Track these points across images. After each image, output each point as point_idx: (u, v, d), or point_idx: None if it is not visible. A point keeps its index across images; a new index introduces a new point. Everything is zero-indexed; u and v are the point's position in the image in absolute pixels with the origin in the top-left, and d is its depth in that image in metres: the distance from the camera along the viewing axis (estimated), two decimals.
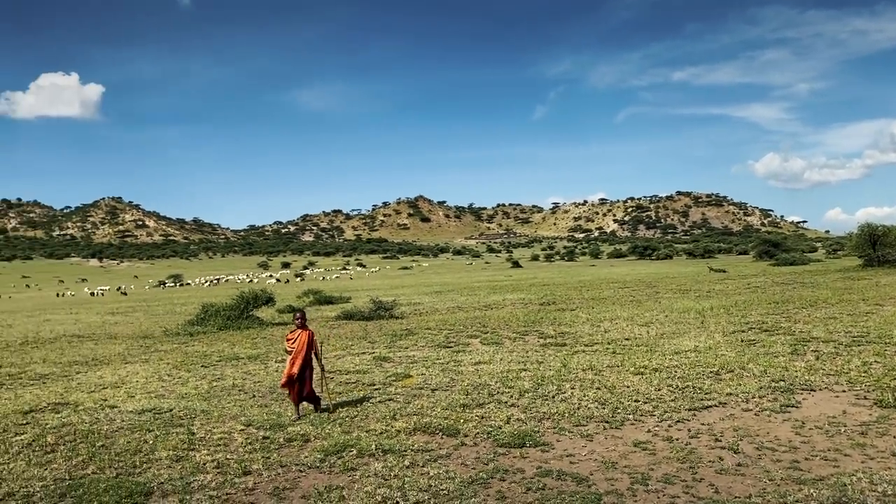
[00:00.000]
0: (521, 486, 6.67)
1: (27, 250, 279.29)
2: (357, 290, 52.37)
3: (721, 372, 11.92)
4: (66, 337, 24.30)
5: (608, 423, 8.88)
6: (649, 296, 31.45)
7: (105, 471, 7.54)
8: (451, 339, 17.94)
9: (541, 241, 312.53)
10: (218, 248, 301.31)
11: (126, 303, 51.92)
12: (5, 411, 10.93)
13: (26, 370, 15.82)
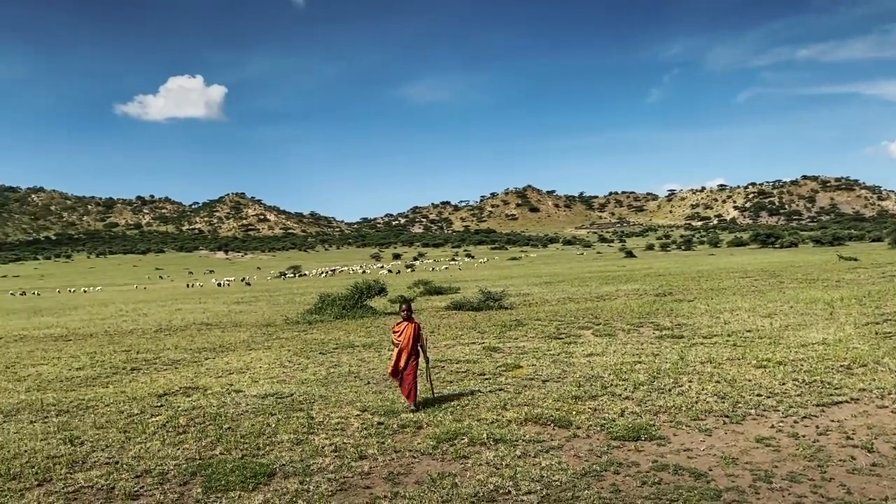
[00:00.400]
0: (637, 479, 6.53)
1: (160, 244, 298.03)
2: (466, 280, 52.71)
3: (853, 366, 11.20)
4: (196, 325, 25.78)
5: (728, 418, 8.54)
6: (773, 286, 29.95)
7: (231, 452, 7.95)
8: (562, 331, 17.75)
9: (656, 230, 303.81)
10: (333, 241, 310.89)
11: (250, 293, 54.52)
12: (142, 394, 11.72)
13: (160, 356, 16.91)
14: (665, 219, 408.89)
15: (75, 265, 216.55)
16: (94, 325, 28.36)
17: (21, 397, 12.05)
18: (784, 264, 51.23)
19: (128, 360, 16.27)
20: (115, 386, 12.83)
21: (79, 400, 11.40)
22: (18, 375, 14.74)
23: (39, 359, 17.39)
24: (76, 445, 8.46)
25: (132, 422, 9.63)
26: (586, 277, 47.27)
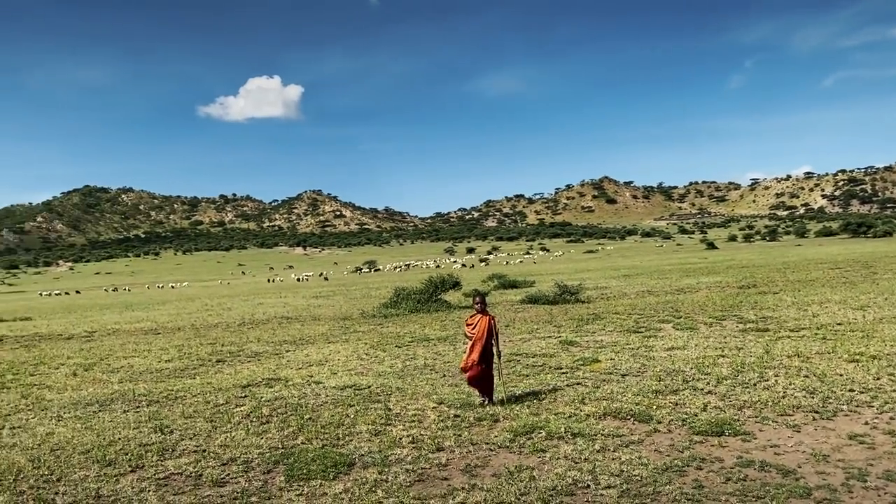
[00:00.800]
0: (720, 475, 6.33)
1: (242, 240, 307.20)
2: (541, 274, 52.33)
3: None
4: (277, 319, 26.48)
5: (818, 414, 8.18)
6: (865, 277, 28.56)
7: (312, 441, 8.12)
8: (642, 324, 17.40)
9: (738, 221, 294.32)
10: (407, 235, 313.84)
11: (327, 287, 55.66)
12: (227, 385, 12.11)
13: (244, 348, 17.44)
14: (748, 209, 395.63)
15: (163, 262, 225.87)
16: (181, 319, 29.51)
17: (115, 388, 12.64)
18: (878, 254, 48.79)
19: (213, 353, 16.85)
20: (202, 377, 13.30)
21: (168, 391, 11.87)
22: (112, 367, 15.46)
23: (131, 351, 18.20)
24: (166, 434, 8.81)
25: (218, 412, 9.96)
26: (666, 270, 46.20)
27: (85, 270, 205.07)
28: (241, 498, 6.38)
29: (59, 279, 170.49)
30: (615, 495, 5.97)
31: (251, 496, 6.42)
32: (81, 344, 21.16)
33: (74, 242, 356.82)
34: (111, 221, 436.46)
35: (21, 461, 7.81)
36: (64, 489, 6.84)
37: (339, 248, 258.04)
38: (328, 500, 6.18)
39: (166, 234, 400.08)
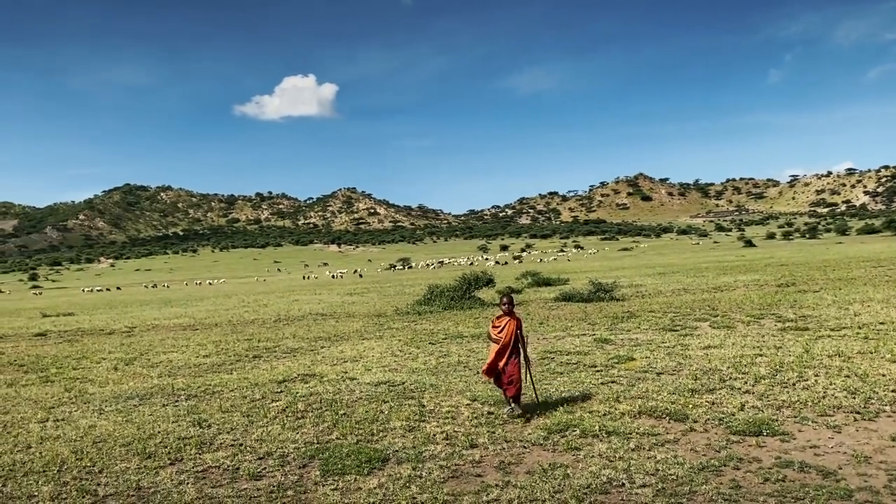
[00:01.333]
0: (758, 476, 6.24)
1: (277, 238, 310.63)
2: (575, 271, 52.01)
3: None
4: (312, 315, 26.73)
5: (859, 414, 8.02)
6: None
7: (347, 437, 8.20)
8: (677, 323, 17.20)
9: (777, 218, 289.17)
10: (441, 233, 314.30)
11: (361, 284, 56.02)
12: (263, 380, 12.27)
13: (280, 344, 17.65)
14: (787, 206, 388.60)
15: (200, 259, 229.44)
16: (218, 315, 29.96)
17: (154, 382, 12.88)
18: None
19: (250, 349, 17.07)
20: (239, 372, 13.49)
21: (206, 385, 12.07)
22: (151, 362, 15.76)
23: (170, 346, 18.53)
24: (204, 428, 8.96)
25: (254, 406, 10.10)
26: (702, 268, 45.60)
27: (125, 267, 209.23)
28: (277, 491, 6.47)
29: (101, 276, 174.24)
30: (650, 494, 5.92)
31: (287, 490, 6.51)
32: (122, 339, 21.61)
33: (115, 240, 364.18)
34: (150, 219, 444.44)
35: (65, 452, 8.01)
36: (105, 480, 7.00)
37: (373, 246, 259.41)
38: (363, 495, 6.23)
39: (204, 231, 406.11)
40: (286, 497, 6.33)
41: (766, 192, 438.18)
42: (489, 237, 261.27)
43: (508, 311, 8.99)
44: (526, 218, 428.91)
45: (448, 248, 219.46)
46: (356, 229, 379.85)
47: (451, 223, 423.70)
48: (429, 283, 30.72)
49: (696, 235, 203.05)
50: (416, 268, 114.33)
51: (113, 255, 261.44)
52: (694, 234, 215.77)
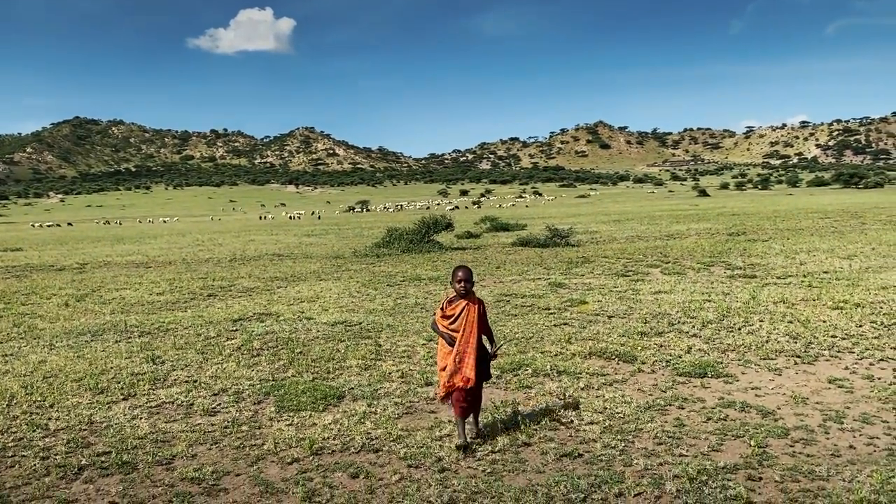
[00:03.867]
0: (702, 415, 6.49)
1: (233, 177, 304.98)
2: (533, 217, 52.36)
3: None
4: (268, 255, 26.52)
5: (800, 358, 8.35)
6: (854, 227, 28.74)
7: (303, 374, 8.25)
8: (630, 268, 17.54)
9: (731, 169, 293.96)
10: (401, 176, 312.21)
11: (319, 226, 55.60)
12: (218, 318, 12.21)
13: (235, 284, 17.52)
14: (742, 157, 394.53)
15: (154, 196, 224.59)
16: (172, 253, 29.52)
17: (106, 318, 12.72)
18: (868, 205, 48.98)
19: (204, 287, 16.92)
20: (193, 311, 13.39)
21: (159, 322, 11.97)
22: (104, 298, 15.53)
23: (122, 284, 18.25)
24: (157, 364, 8.92)
25: (209, 344, 10.07)
26: (656, 216, 46.31)
27: (76, 203, 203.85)
28: (232, 427, 6.51)
29: (50, 211, 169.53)
30: (598, 431, 6.12)
31: (242, 425, 6.55)
32: (73, 275, 21.19)
33: (65, 175, 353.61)
34: (102, 154, 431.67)
35: (14, 388, 7.91)
36: (57, 415, 6.96)
37: (331, 187, 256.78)
38: (318, 430, 6.32)
39: (157, 168, 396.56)
40: (241, 432, 6.38)
41: (722, 143, 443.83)
42: (449, 182, 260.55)
43: (466, 291, 5.98)
44: (486, 163, 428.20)
45: (408, 192, 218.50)
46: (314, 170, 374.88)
47: (412, 167, 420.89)
48: (388, 226, 30.64)
49: (653, 184, 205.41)
50: (375, 210, 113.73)
51: (63, 190, 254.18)
52: (650, 182, 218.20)
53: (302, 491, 5.06)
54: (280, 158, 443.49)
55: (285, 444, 6.04)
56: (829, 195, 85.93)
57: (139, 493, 5.12)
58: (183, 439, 6.19)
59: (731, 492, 4.81)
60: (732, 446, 5.71)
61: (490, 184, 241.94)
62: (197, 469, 5.51)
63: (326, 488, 5.13)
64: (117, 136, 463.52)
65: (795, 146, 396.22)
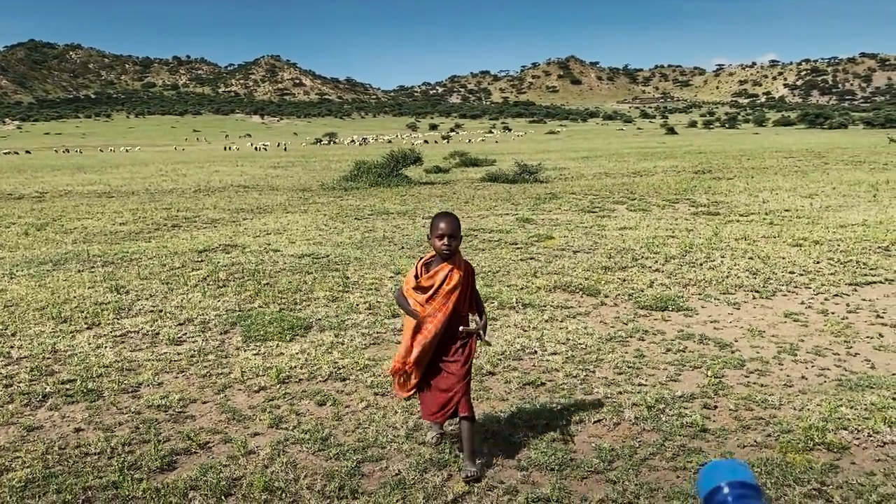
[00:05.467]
0: (661, 346, 6.67)
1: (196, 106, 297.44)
2: (502, 153, 52.16)
3: (891, 248, 11.05)
4: (233, 187, 26.15)
5: (758, 293, 8.57)
6: (817, 167, 29.19)
7: (269, 305, 8.25)
8: (597, 205, 17.67)
9: (700, 107, 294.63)
10: (369, 108, 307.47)
11: (286, 158, 54.77)
12: (183, 249, 12.09)
13: (199, 215, 17.29)
14: (711, 95, 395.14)
15: (115, 125, 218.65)
16: (135, 183, 28.94)
17: (68, 248, 12.51)
18: (831, 145, 49.65)
19: (168, 218, 16.68)
20: (157, 241, 13.23)
21: (123, 252, 11.81)
22: (65, 228, 15.24)
23: (84, 213, 17.91)
24: (122, 294, 8.84)
25: (174, 275, 9.99)
26: (624, 153, 46.46)
27: (34, 130, 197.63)
28: (198, 356, 6.53)
29: (7, 138, 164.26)
30: (560, 361, 6.26)
31: (208, 354, 6.57)
32: (32, 204, 20.71)
33: (21, 100, 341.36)
34: (59, 80, 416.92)
35: None
36: (20, 343, 6.90)
37: (298, 119, 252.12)
38: (285, 360, 6.36)
39: (118, 95, 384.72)
40: (207, 361, 6.40)
41: (692, 81, 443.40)
42: (419, 115, 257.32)
43: (451, 251, 4.22)
44: (457, 97, 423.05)
45: (376, 125, 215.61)
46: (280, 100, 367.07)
47: (381, 99, 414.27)
48: (355, 159, 30.29)
49: (622, 121, 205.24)
50: (342, 143, 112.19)
51: (19, 116, 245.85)
52: (619, 119, 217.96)
53: (269, 418, 5.12)
54: (245, 88, 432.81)
55: (252, 372, 6.08)
56: (795, 135, 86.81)
57: (105, 420, 5.14)
58: (149, 368, 6.20)
59: (688, 419, 4.98)
60: (690, 376, 5.89)
61: (460, 118, 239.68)
62: (163, 397, 5.54)
63: (293, 415, 5.20)
64: (75, 62, 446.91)
65: (764, 85, 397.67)
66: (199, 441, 4.77)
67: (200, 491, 4.12)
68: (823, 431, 4.69)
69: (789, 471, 4.23)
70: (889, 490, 4.00)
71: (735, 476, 0.84)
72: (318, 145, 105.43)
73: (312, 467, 4.41)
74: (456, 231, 4.18)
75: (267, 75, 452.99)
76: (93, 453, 4.61)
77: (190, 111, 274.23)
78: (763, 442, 4.66)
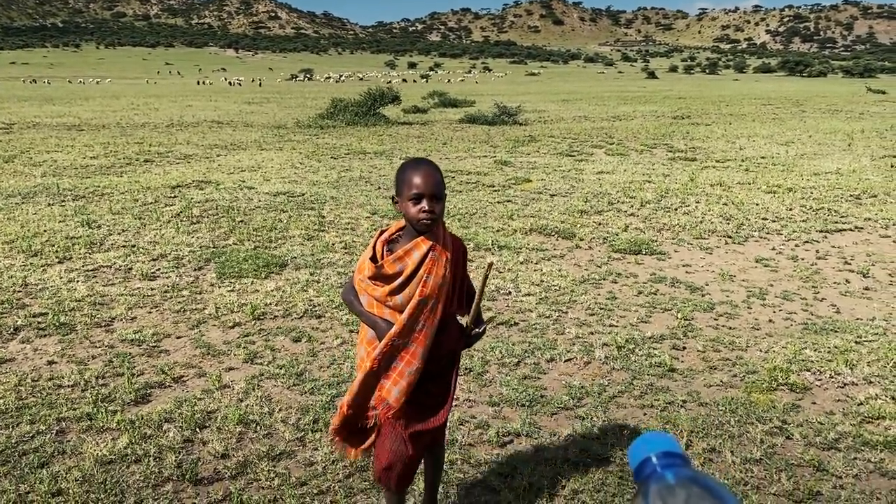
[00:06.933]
0: (633, 289, 6.76)
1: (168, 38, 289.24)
2: (482, 94, 51.61)
3: (862, 196, 11.21)
4: (207, 122, 25.66)
5: (731, 239, 8.69)
6: (794, 114, 29.27)
7: (244, 243, 8.21)
8: (575, 148, 17.63)
9: (682, 51, 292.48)
10: (347, 45, 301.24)
11: (261, 93, 53.70)
12: (156, 184, 11.91)
13: (172, 150, 16.98)
14: (693, 39, 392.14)
15: (84, 55, 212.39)
16: (105, 116, 28.27)
17: (38, 181, 12.26)
18: (810, 93, 49.74)
19: (140, 152, 16.37)
20: (129, 176, 13.00)
21: (94, 186, 11.61)
22: (34, 161, 14.91)
23: (53, 146, 17.51)
24: (93, 228, 8.73)
25: (147, 210, 9.86)
26: (604, 97, 46.18)
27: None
28: (172, 291, 6.50)
29: None
30: (534, 302, 6.34)
31: (182, 290, 6.55)
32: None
33: None
34: (24, 6, 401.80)
35: None
36: None
37: (273, 53, 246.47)
38: (260, 297, 6.36)
39: (87, 25, 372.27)
40: (181, 297, 6.37)
41: (674, 24, 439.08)
42: (397, 53, 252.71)
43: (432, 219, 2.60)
44: (436, 35, 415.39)
45: (354, 62, 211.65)
46: (255, 34, 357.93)
47: (358, 35, 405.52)
48: (332, 97, 29.78)
49: (603, 64, 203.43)
50: (318, 80, 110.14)
51: None
52: (601, 62, 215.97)
53: (244, 353, 5.15)
54: (219, 20, 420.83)
55: (227, 308, 6.08)
56: (774, 82, 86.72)
57: (78, 353, 5.13)
58: (122, 303, 6.17)
59: (656, 360, 5.09)
60: (660, 318, 6.00)
61: (439, 57, 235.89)
62: (137, 331, 5.53)
63: (268, 351, 5.23)
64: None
65: (746, 31, 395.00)
66: (173, 375, 4.80)
67: (175, 423, 4.16)
68: (787, 373, 4.83)
69: (753, 409, 4.36)
70: (847, 428, 4.15)
71: (662, 447, 0.88)
72: (294, 81, 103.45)
73: (287, 401, 4.46)
74: (439, 188, 2.58)
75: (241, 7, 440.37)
76: (66, 385, 4.62)
77: (162, 43, 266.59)
78: (729, 382, 4.78)
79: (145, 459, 3.76)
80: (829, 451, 3.92)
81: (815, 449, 3.94)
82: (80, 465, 3.70)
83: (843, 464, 3.78)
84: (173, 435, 4.02)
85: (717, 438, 4.05)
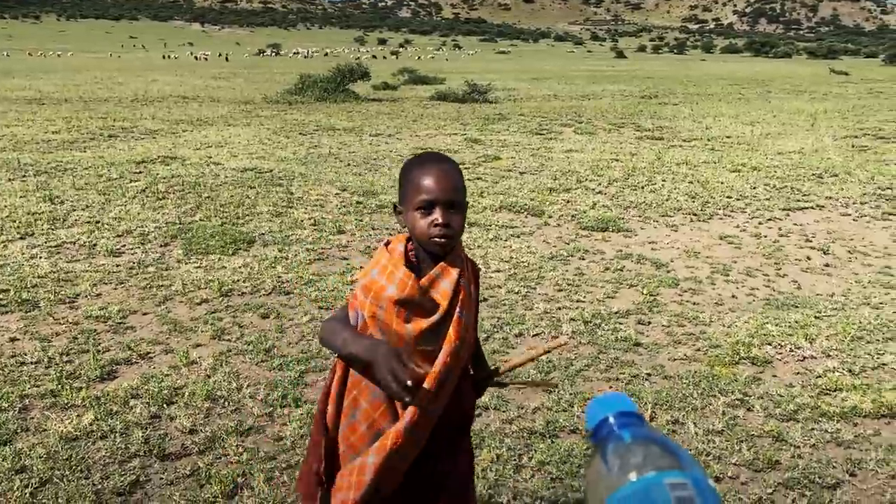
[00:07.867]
0: (600, 265, 6.84)
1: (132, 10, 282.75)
2: (452, 71, 51.35)
3: (824, 175, 11.42)
4: (173, 97, 25.20)
5: (696, 216, 8.81)
6: (759, 95, 29.63)
7: (211, 219, 8.12)
8: (544, 127, 17.67)
9: (650, 31, 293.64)
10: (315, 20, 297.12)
11: (228, 68, 52.85)
12: (120, 160, 11.70)
13: (137, 125, 16.67)
14: (662, 19, 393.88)
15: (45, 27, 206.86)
16: (68, 90, 27.61)
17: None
18: (775, 74, 50.34)
19: (104, 127, 16.04)
20: (93, 151, 12.75)
21: (56, 162, 11.37)
22: None
23: (13, 120, 17.07)
24: (56, 204, 8.57)
25: (111, 185, 9.69)
26: (574, 76, 46.25)
27: None
28: (137, 268, 6.42)
29: None
30: (503, 278, 6.38)
31: (148, 266, 6.47)
32: None
33: None
34: None
35: None
36: None
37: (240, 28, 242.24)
38: (227, 273, 6.31)
39: None
40: (147, 273, 6.30)
41: (643, 3, 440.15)
42: (367, 29, 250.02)
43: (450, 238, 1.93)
44: (406, 11, 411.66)
45: (323, 37, 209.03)
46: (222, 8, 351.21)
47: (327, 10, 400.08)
48: (300, 72, 29.39)
49: (573, 43, 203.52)
50: (286, 55, 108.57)
51: None
52: (570, 41, 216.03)
53: (211, 329, 5.12)
54: None
55: (194, 285, 6.02)
56: (740, 63, 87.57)
57: (42, 330, 5.06)
58: (86, 279, 6.07)
59: (622, 334, 5.17)
60: (626, 294, 6.08)
61: (409, 34, 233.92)
62: (102, 308, 5.46)
63: (236, 327, 5.21)
64: None
65: (714, 11, 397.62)
66: (139, 351, 4.76)
67: (142, 399, 4.13)
68: (749, 346, 4.94)
69: (715, 382, 4.46)
70: (805, 400, 4.27)
71: (618, 407, 0.91)
72: (262, 56, 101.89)
73: (255, 377, 4.45)
74: (458, 193, 1.99)
75: None
76: (29, 363, 4.56)
77: (126, 16, 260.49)
78: (692, 356, 4.88)
79: (111, 435, 3.74)
80: (788, 422, 4.03)
81: (774, 420, 4.05)
82: (43, 441, 3.66)
83: (802, 434, 3.89)
84: (140, 411, 4.00)
85: (680, 410, 4.13)
